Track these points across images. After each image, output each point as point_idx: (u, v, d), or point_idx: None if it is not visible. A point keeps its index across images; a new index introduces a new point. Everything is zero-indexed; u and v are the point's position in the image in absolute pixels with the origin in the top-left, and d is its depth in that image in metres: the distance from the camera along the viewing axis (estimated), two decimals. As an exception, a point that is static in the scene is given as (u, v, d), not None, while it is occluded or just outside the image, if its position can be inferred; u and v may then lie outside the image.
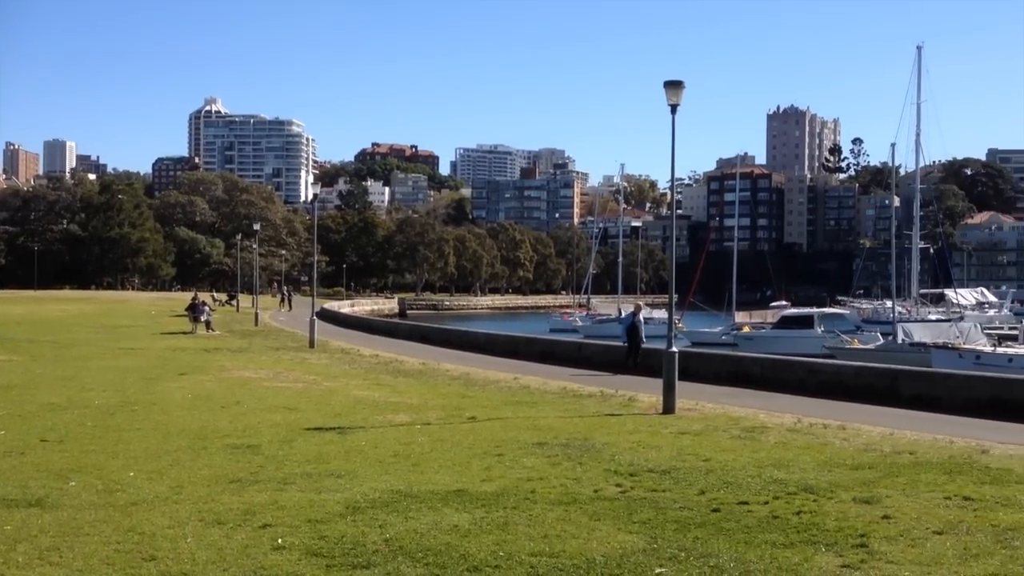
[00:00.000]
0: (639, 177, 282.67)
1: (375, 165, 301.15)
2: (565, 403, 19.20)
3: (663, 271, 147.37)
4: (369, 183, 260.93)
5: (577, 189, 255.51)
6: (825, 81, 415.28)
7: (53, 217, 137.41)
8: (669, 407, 17.80)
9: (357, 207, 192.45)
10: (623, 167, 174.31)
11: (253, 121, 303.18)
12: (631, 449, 13.39)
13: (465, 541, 8.44)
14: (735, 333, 58.73)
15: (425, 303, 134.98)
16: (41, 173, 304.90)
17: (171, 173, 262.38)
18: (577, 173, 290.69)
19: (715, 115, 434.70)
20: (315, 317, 39.87)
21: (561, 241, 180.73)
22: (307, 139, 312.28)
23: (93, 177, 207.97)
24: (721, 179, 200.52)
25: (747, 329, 60.77)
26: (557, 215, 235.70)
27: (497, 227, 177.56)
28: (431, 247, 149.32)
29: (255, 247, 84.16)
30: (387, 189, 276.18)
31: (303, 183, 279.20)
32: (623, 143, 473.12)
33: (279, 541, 8.44)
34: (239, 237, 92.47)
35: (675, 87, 18.45)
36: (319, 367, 27.99)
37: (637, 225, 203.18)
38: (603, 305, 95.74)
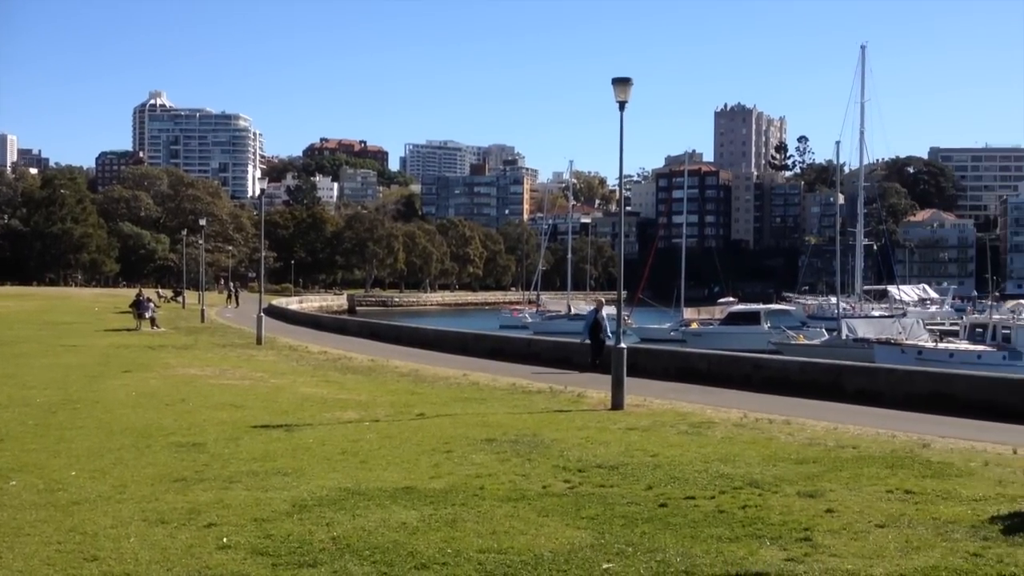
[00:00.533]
0: (589, 174, 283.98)
1: (323, 160, 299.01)
2: (514, 399, 19.22)
3: (612, 267, 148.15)
4: (317, 179, 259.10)
5: (527, 185, 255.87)
6: (772, 79, 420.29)
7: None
8: (618, 403, 17.89)
9: (305, 203, 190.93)
10: (572, 164, 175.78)
11: (199, 115, 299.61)
12: (580, 445, 13.44)
13: (413, 538, 8.42)
14: (683, 329, 59.30)
15: (374, 299, 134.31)
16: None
17: (115, 167, 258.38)
18: (527, 169, 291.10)
19: (664, 112, 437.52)
20: (262, 313, 39.53)
21: (511, 237, 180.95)
22: (254, 134, 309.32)
23: (35, 171, 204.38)
24: (670, 176, 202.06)
25: (695, 325, 61.42)
26: (507, 211, 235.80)
27: (447, 223, 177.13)
28: (380, 243, 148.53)
29: (201, 243, 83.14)
30: (336, 185, 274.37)
31: (250, 178, 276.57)
32: (573, 140, 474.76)
33: (224, 540, 8.35)
34: (185, 233, 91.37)
35: (623, 84, 18.54)
36: (266, 364, 27.74)
37: (587, 222, 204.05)
38: (553, 302, 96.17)
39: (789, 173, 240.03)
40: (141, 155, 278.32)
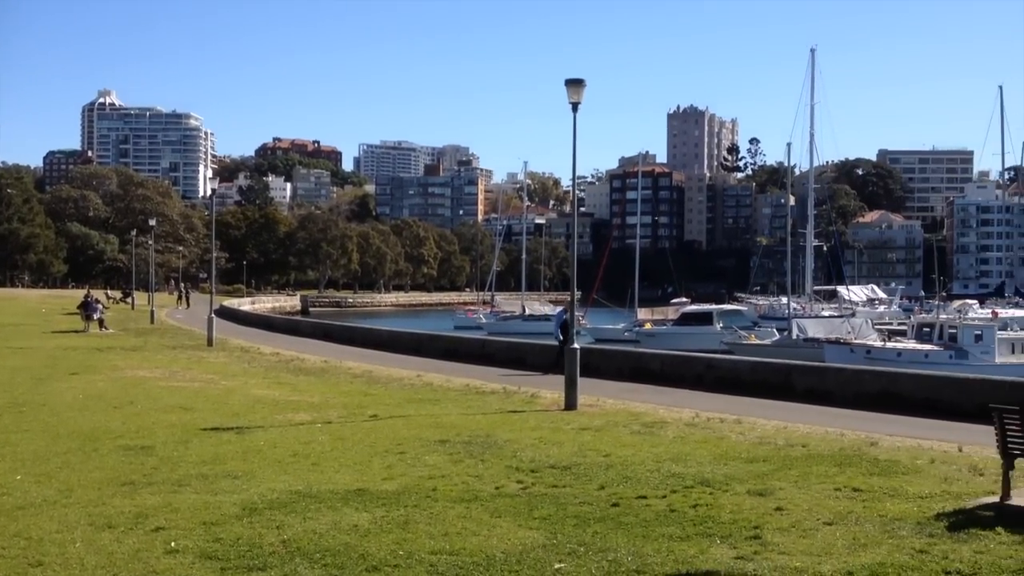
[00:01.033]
0: (543, 175, 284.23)
1: (276, 160, 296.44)
2: (468, 400, 19.21)
3: (567, 268, 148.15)
4: (270, 179, 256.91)
5: (481, 186, 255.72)
6: (724, 81, 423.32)
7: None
8: (571, 403, 17.94)
9: (258, 203, 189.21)
10: (527, 164, 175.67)
11: (149, 114, 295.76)
12: (533, 446, 13.46)
13: (365, 541, 8.38)
14: (637, 330, 59.64)
15: (328, 300, 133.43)
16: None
17: (63, 167, 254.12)
18: (481, 170, 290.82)
19: (618, 114, 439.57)
20: (213, 315, 39.11)
21: (465, 238, 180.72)
22: (205, 133, 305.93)
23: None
24: (623, 177, 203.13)
25: (649, 326, 61.79)
26: (461, 212, 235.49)
27: (401, 224, 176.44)
28: (334, 244, 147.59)
29: (151, 243, 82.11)
30: (289, 185, 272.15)
31: (201, 178, 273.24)
32: (527, 140, 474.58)
33: (172, 544, 8.27)
34: (134, 233, 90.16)
35: (576, 85, 18.61)
36: (217, 366, 27.47)
37: (541, 222, 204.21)
38: (507, 302, 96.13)
39: (741, 174, 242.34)
40: (90, 154, 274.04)
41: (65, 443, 13.61)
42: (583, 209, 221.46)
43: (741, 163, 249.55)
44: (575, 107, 18.76)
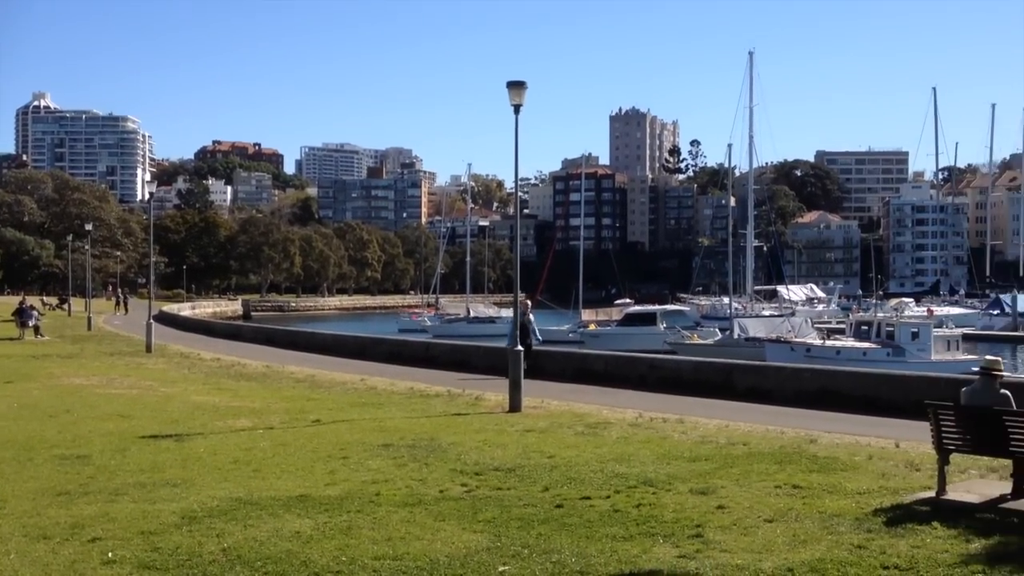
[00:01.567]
0: (486, 177, 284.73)
1: (216, 163, 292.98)
2: (412, 403, 19.12)
3: (511, 270, 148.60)
4: (210, 182, 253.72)
5: (425, 189, 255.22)
6: (665, 83, 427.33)
7: None
8: (515, 405, 17.94)
9: (198, 206, 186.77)
10: (470, 167, 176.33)
11: (85, 117, 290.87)
12: (477, 448, 13.44)
13: (307, 548, 8.29)
14: (581, 331, 59.88)
15: (270, 304, 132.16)
16: None
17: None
18: (425, 173, 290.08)
19: (561, 116, 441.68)
20: (152, 320, 38.55)
21: (409, 241, 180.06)
22: (143, 136, 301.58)
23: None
24: (567, 179, 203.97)
25: (593, 326, 62.08)
26: (405, 215, 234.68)
27: (344, 227, 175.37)
28: (276, 247, 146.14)
29: (88, 248, 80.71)
30: (229, 188, 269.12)
31: (139, 181, 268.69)
32: (471, 143, 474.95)
33: (109, 555, 8.11)
34: (71, 238, 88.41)
35: (518, 87, 18.63)
36: (156, 372, 27.06)
37: (485, 225, 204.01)
38: (452, 305, 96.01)
39: (682, 176, 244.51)
40: (24, 158, 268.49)
41: (-2, 453, 13.31)
42: (527, 211, 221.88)
43: (682, 165, 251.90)
44: (517, 109, 18.80)
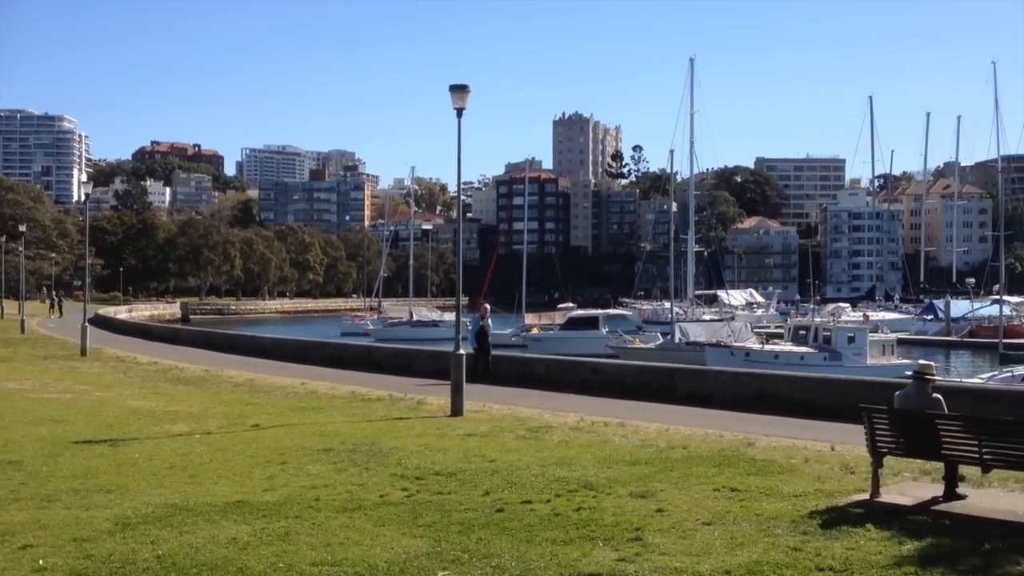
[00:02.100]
0: (430, 180, 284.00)
1: (155, 164, 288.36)
2: (353, 408, 18.99)
3: (454, 274, 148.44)
4: (148, 183, 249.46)
5: (368, 191, 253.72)
6: (608, 89, 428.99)
7: None
8: (457, 409, 17.92)
9: (135, 208, 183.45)
10: (414, 170, 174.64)
11: (20, 116, 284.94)
12: (418, 452, 13.38)
13: (243, 554, 8.19)
14: (524, 335, 59.98)
15: (210, 308, 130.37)
16: None
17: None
18: (368, 175, 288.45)
19: (504, 120, 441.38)
20: (88, 323, 37.86)
21: (352, 244, 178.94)
22: (80, 136, 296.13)
23: None
24: (510, 183, 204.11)
25: (536, 330, 62.25)
26: (348, 217, 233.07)
27: (286, 229, 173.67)
28: (216, 250, 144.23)
29: (21, 250, 79.10)
30: (168, 189, 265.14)
31: (75, 182, 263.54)
32: (414, 146, 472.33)
33: (40, 562, 7.94)
34: (4, 239, 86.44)
35: (460, 91, 18.63)
36: (91, 376, 26.57)
37: (428, 228, 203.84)
38: (395, 308, 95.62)
39: (625, 181, 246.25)
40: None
41: (-75, 460, 12.95)
42: (470, 215, 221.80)
43: (625, 170, 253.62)
44: (459, 113, 18.80)
